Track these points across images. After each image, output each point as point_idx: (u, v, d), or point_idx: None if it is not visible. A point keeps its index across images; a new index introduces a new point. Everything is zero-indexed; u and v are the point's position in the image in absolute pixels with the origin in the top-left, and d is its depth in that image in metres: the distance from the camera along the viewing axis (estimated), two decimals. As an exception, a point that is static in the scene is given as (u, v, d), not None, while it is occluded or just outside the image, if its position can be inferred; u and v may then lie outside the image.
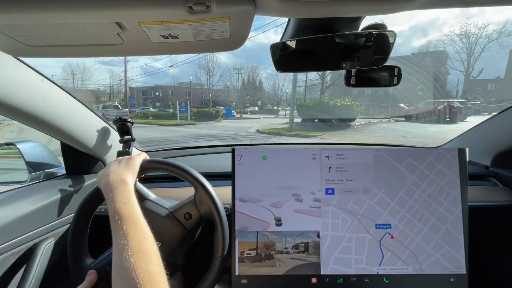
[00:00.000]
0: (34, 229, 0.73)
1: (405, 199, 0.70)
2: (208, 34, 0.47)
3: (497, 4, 0.43)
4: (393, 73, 0.74)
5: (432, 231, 0.69)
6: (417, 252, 0.68)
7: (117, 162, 0.66)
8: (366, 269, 0.68)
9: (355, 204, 0.70)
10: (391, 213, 0.69)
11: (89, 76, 45.26)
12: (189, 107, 20.38)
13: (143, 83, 44.78)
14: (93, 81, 51.50)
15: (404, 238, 0.69)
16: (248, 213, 0.71)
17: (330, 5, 0.42)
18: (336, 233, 0.70)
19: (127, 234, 0.49)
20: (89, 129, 0.92)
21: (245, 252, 0.70)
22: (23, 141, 0.99)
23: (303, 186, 0.71)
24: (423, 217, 0.69)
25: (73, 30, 0.44)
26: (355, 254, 0.69)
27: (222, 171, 1.02)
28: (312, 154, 0.71)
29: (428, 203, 0.69)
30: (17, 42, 0.47)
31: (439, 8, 0.45)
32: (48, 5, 0.37)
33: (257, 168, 0.72)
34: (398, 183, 0.70)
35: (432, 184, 0.70)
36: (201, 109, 25.98)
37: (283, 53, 0.66)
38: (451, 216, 0.69)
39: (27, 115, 0.69)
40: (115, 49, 0.52)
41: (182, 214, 0.68)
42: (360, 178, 0.70)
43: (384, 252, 0.69)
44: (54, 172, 1.01)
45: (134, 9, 0.38)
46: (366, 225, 0.70)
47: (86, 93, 41.84)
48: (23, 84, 0.66)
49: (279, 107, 37.49)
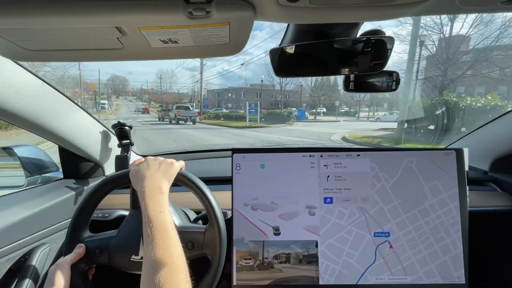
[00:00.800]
0: (30, 234, 0.72)
1: (404, 207, 0.69)
2: (208, 39, 0.47)
3: (488, 11, 0.44)
4: (392, 78, 0.74)
5: (430, 241, 0.67)
6: (409, 269, 0.67)
7: (156, 164, 0.62)
8: (354, 267, 0.68)
9: (353, 213, 0.69)
10: (389, 222, 0.69)
11: (175, 80, 51.51)
12: (259, 108, 19.44)
13: (219, 85, 46.74)
14: (179, 85, 58.73)
15: (401, 252, 0.68)
16: (245, 223, 0.70)
17: (329, 11, 0.42)
18: (336, 243, 0.69)
19: (159, 245, 0.48)
20: (87, 133, 0.91)
21: (243, 261, 0.69)
22: (21, 145, 0.98)
23: (301, 195, 0.71)
24: (422, 228, 0.68)
25: (73, 34, 0.44)
26: (349, 248, 0.68)
27: (223, 176, 1.02)
28: (310, 163, 0.71)
29: (427, 211, 0.69)
30: (16, 47, 0.47)
31: (433, 15, 0.46)
32: (48, 10, 0.37)
33: (255, 177, 0.71)
34: (396, 191, 0.69)
35: (430, 189, 0.69)
36: (272, 110, 24.65)
37: (283, 58, 0.66)
38: (450, 223, 0.68)
39: (25, 119, 0.69)
40: (114, 53, 0.52)
41: (185, 240, 0.63)
42: (359, 187, 0.70)
43: (377, 257, 0.68)
44: (51, 177, 1.00)
45: (134, 14, 0.38)
46: (367, 229, 0.69)
47: (170, 95, 47.29)
48: (21, 89, 0.65)
49: (359, 108, 34.73)
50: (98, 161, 0.99)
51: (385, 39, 0.61)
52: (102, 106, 39.59)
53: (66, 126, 0.81)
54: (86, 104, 31.32)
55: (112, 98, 63.96)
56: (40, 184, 0.94)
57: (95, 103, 33.91)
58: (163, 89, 51.36)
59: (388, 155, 0.71)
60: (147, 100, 63.10)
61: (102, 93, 53.71)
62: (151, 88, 67.30)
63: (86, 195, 0.66)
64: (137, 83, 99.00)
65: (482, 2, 0.41)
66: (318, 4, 0.39)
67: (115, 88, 75.79)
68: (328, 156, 0.71)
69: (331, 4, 0.40)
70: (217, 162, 1.27)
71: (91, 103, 33.65)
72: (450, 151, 0.70)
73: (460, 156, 0.70)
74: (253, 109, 19.22)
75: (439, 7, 0.43)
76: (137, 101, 68.49)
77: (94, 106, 32.84)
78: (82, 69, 32.30)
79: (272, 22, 0.48)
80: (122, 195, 0.95)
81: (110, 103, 48.58)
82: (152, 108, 45.65)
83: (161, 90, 51.73)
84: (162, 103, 44.18)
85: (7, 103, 0.63)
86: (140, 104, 55.50)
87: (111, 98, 62.85)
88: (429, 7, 0.43)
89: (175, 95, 53.87)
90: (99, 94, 43.16)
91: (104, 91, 64.43)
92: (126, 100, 68.65)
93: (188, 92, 48.57)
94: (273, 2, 0.39)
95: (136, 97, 76.15)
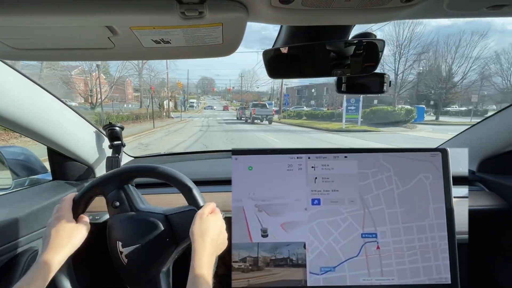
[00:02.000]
0: (17, 238, 0.70)
1: (404, 217, 0.68)
2: (201, 40, 0.47)
3: (474, 15, 0.46)
4: (383, 80, 0.75)
5: (416, 258, 0.68)
6: (387, 274, 0.68)
7: (220, 232, 0.61)
8: (336, 253, 0.68)
9: (341, 214, 0.70)
10: (385, 225, 0.69)
11: (255, 78, 56.95)
12: (360, 105, 13.84)
13: (299, 82, 45.61)
14: (259, 82, 61.45)
15: (385, 257, 0.68)
16: (235, 224, 0.70)
17: (321, 13, 0.43)
18: (328, 225, 0.69)
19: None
20: (77, 134, 0.90)
21: (235, 264, 0.69)
22: (7, 146, 0.96)
23: (289, 196, 0.71)
24: (413, 242, 0.68)
25: (63, 33, 0.43)
26: (339, 235, 0.69)
27: (223, 177, 1.01)
28: (298, 164, 0.72)
29: (424, 229, 0.68)
30: (4, 46, 0.46)
31: (422, 18, 0.47)
32: (38, 8, 0.36)
33: (245, 178, 0.72)
34: (382, 191, 0.70)
35: (435, 211, 0.69)
36: (378, 107, 16.30)
37: (275, 60, 0.67)
38: (441, 248, 0.68)
39: (11, 120, 0.67)
40: (106, 53, 0.51)
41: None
42: (346, 189, 0.71)
43: (361, 253, 0.68)
44: (40, 179, 0.98)
45: (126, 13, 0.38)
46: (362, 224, 0.70)
47: (250, 94, 51.84)
48: (8, 89, 0.64)
49: (477, 106, 22.52)
50: (88, 163, 0.97)
51: (376, 42, 0.62)
52: (191, 104, 41.67)
53: (54, 127, 0.80)
54: (172, 102, 31.80)
55: (200, 98, 69.88)
56: (28, 186, 0.92)
57: (183, 101, 34.94)
58: (244, 89, 54.69)
59: (373, 156, 0.71)
60: (229, 99, 67.16)
61: (190, 93, 57.47)
62: (232, 87, 71.06)
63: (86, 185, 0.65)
64: (222, 84, 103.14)
65: (468, 7, 0.42)
66: (310, 6, 0.40)
67: (204, 88, 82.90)
68: (316, 157, 0.72)
69: (323, 7, 0.40)
70: (221, 163, 1.25)
71: (178, 102, 34.39)
72: (435, 152, 0.71)
73: (444, 155, 0.70)
74: (353, 106, 13.96)
75: (428, 11, 0.44)
76: (220, 100, 74.09)
77: (182, 105, 33.75)
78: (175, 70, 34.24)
79: (265, 23, 0.49)
80: None
81: (198, 102, 51.87)
82: (233, 106, 48.33)
83: (241, 90, 54.48)
84: (242, 101, 45.07)
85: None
86: (224, 102, 60.37)
87: (200, 98, 68.42)
88: (419, 11, 0.44)
89: (255, 94, 56.23)
90: (187, 93, 45.12)
91: (193, 91, 70.44)
92: (212, 99, 76.04)
93: (267, 91, 50.40)
94: (266, 4, 0.40)
95: (220, 96, 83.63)
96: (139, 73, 22.40)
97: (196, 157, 1.36)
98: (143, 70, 22.07)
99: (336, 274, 0.69)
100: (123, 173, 0.66)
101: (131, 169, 0.67)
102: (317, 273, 0.69)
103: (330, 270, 0.69)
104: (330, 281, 0.69)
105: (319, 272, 0.69)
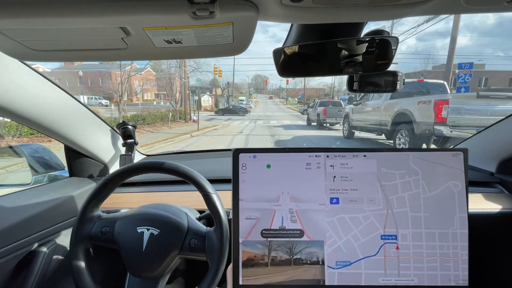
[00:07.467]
0: (36, 232, 0.73)
1: (427, 223, 0.67)
2: (212, 39, 0.47)
3: (494, 10, 0.44)
4: (396, 78, 0.73)
5: (435, 265, 0.65)
6: (403, 277, 0.67)
7: None
8: (354, 250, 0.67)
9: (363, 212, 0.69)
10: (407, 228, 0.68)
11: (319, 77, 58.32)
12: None
13: None
14: (320, 81, 62.13)
15: (403, 260, 0.67)
16: (250, 223, 0.71)
17: (333, 11, 0.42)
18: (349, 221, 0.69)
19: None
20: (92, 133, 0.92)
21: (247, 261, 0.70)
22: (28, 144, 1.00)
23: (307, 195, 0.70)
24: (434, 249, 0.66)
25: (78, 35, 0.45)
26: (359, 232, 0.68)
27: (222, 176, 1.02)
28: (317, 163, 0.71)
29: (447, 237, 0.67)
30: (23, 47, 0.48)
31: (438, 15, 0.45)
32: (54, 10, 0.38)
33: (261, 177, 0.71)
34: (408, 194, 0.69)
35: (459, 220, 0.68)
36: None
37: (286, 58, 0.66)
38: (462, 259, 0.67)
39: (31, 119, 0.70)
40: (119, 53, 0.53)
41: (189, 237, 0.67)
42: (365, 188, 0.70)
43: (379, 253, 0.67)
44: (57, 175, 1.02)
45: (139, 14, 0.39)
46: (384, 224, 0.69)
47: (312, 89, 53.86)
48: (28, 89, 0.67)
49: None
50: (103, 160, 1.00)
51: (389, 39, 0.61)
52: (240, 102, 41.23)
53: (71, 126, 0.82)
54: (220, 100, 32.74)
55: (252, 96, 71.68)
56: (47, 182, 0.96)
57: (227, 97, 35.18)
58: (300, 85, 53.29)
59: (400, 156, 0.70)
60: (284, 96, 67.22)
61: (241, 91, 59.10)
62: (287, 84, 71.67)
63: (94, 188, 0.67)
64: (276, 82, 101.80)
65: (488, 1, 0.40)
66: (321, 4, 0.39)
67: (257, 86, 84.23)
68: (335, 156, 0.71)
69: (335, 4, 0.40)
70: (218, 162, 1.27)
71: (222, 100, 34.77)
72: (457, 152, 0.69)
73: (465, 156, 0.68)
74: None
75: (444, 7, 0.43)
76: (275, 98, 75.99)
77: (226, 102, 34.00)
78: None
79: (275, 22, 0.48)
80: (125, 194, 0.96)
81: (248, 100, 51.64)
82: (289, 104, 47.45)
83: (304, 87, 52.20)
84: (301, 98, 43.02)
85: (14, 103, 0.64)
86: (278, 100, 61.96)
87: (251, 96, 70.17)
88: (434, 7, 0.42)
89: (317, 89, 55.30)
90: (233, 92, 44.58)
91: (245, 89, 72.27)
92: (264, 97, 77.42)
93: (333, 83, 43.96)
94: (277, 2, 0.39)
95: (274, 94, 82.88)
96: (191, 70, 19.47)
97: (206, 156, 1.37)
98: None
99: (351, 270, 0.68)
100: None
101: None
102: (333, 266, 0.69)
103: (346, 264, 0.68)
104: (346, 277, 0.68)
105: (335, 266, 0.69)
